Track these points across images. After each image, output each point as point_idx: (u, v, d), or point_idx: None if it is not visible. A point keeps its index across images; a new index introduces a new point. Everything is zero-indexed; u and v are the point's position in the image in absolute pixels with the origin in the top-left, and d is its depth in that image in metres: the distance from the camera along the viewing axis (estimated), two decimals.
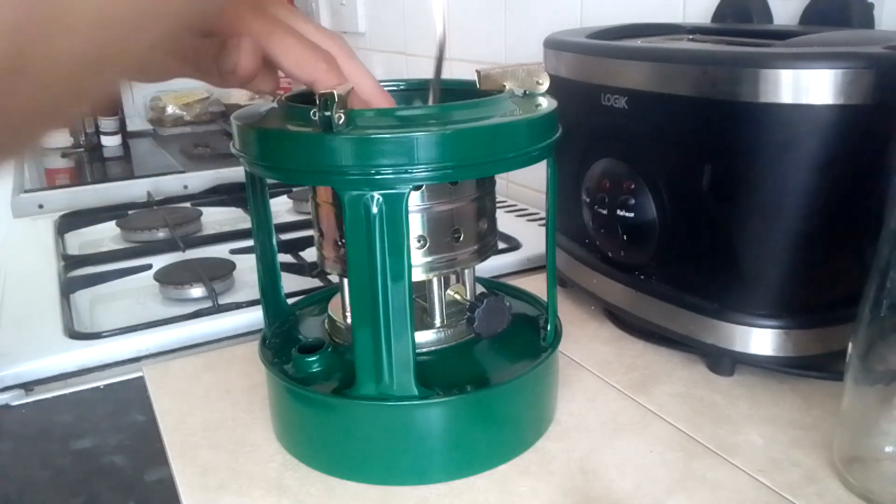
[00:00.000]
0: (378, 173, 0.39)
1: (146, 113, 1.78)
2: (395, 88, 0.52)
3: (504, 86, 0.47)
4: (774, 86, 0.46)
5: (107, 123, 1.58)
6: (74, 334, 0.63)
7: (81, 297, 0.74)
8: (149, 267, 0.80)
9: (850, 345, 0.41)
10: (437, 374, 0.45)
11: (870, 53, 0.45)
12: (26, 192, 1.15)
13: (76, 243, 0.93)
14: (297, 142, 0.40)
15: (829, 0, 0.60)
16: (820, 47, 0.49)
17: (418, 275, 0.45)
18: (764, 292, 0.51)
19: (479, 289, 0.53)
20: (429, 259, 0.45)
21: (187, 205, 1.05)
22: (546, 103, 0.45)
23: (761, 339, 0.51)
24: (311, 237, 0.50)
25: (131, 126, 1.71)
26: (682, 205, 0.53)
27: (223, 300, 0.69)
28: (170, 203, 1.07)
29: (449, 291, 0.50)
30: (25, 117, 0.21)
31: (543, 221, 0.80)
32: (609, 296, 0.61)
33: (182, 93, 1.76)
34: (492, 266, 0.75)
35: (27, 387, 0.58)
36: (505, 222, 0.88)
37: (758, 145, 0.48)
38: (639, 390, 0.54)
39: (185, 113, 1.72)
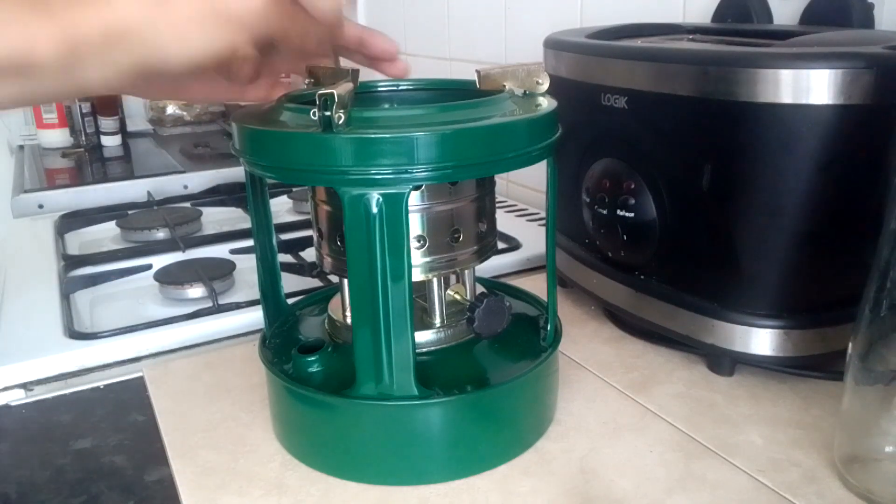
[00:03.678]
0: (378, 173, 0.39)
1: (146, 113, 1.78)
2: (394, 88, 0.52)
3: (504, 86, 0.47)
4: (774, 86, 0.46)
5: (107, 123, 1.58)
6: (74, 334, 0.63)
7: (81, 297, 0.74)
8: (149, 267, 0.80)
9: (850, 345, 0.41)
10: (437, 374, 0.45)
11: (870, 53, 0.45)
12: (26, 192, 1.15)
13: (76, 243, 0.93)
14: (297, 142, 0.40)
15: (829, 0, 0.60)
16: (820, 47, 0.49)
17: (418, 275, 0.45)
18: (764, 292, 0.51)
19: (479, 289, 0.53)
20: (428, 259, 0.45)
21: (187, 205, 1.05)
22: (546, 103, 0.45)
23: (761, 339, 0.51)
24: (311, 237, 0.50)
25: (131, 126, 1.71)
26: (682, 205, 0.53)
27: (223, 300, 0.69)
28: (170, 203, 1.07)
29: (449, 291, 0.50)
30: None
31: (543, 221, 0.80)
32: (609, 296, 0.61)
33: None
34: (492, 266, 0.75)
35: (27, 387, 0.58)
36: (505, 222, 0.88)
37: (758, 145, 0.48)
38: (639, 390, 0.54)
39: (185, 113, 1.73)
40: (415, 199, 0.44)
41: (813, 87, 0.45)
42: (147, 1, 0.33)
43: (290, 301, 0.57)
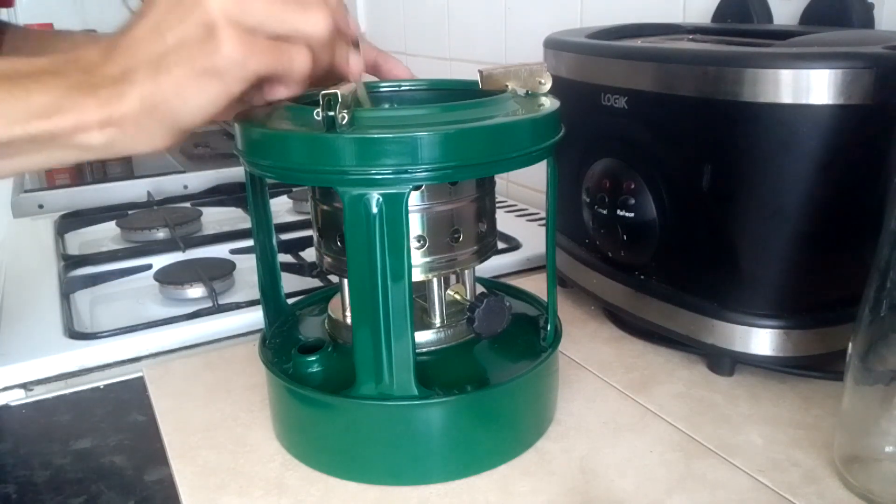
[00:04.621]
0: (378, 173, 0.39)
1: None
2: (395, 88, 0.52)
3: (507, 86, 0.47)
4: (774, 86, 0.46)
5: None
6: (74, 334, 0.63)
7: (81, 297, 0.74)
8: (149, 267, 0.80)
9: (850, 345, 0.41)
10: (437, 374, 0.45)
11: (870, 53, 0.45)
12: (26, 192, 1.15)
13: (76, 243, 0.93)
14: (298, 142, 0.40)
15: (829, 0, 0.60)
16: (820, 47, 0.49)
17: (418, 275, 0.45)
18: (764, 292, 0.51)
19: (479, 289, 0.53)
20: (428, 259, 0.45)
21: (187, 205, 1.05)
22: (549, 103, 0.45)
23: (761, 339, 0.51)
24: (311, 237, 0.50)
25: None
26: (682, 205, 0.53)
27: (223, 300, 0.69)
28: (170, 203, 1.07)
29: (449, 291, 0.50)
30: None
31: (543, 221, 0.80)
32: (609, 296, 0.61)
33: None
34: (492, 266, 0.75)
35: (27, 387, 0.58)
36: (505, 222, 0.88)
37: (758, 145, 0.48)
38: (639, 390, 0.54)
39: None
40: (415, 199, 0.44)
41: (813, 87, 0.45)
42: (152, 73, 0.38)
43: (290, 301, 0.57)
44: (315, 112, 0.39)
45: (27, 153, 0.39)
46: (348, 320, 0.49)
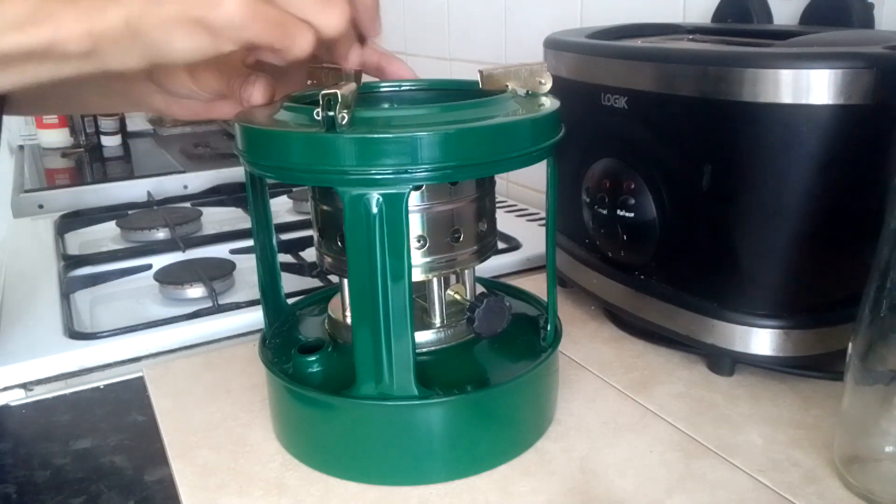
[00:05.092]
0: (378, 173, 0.39)
1: (146, 113, 1.78)
2: (395, 88, 0.52)
3: (507, 86, 0.47)
4: (774, 86, 0.46)
5: (107, 123, 1.58)
6: (74, 334, 0.63)
7: (81, 297, 0.74)
8: (149, 267, 0.80)
9: (850, 345, 0.41)
10: (437, 374, 0.45)
11: (870, 53, 0.45)
12: (26, 192, 1.15)
13: (76, 243, 0.93)
14: (298, 142, 0.40)
15: (829, 0, 0.60)
16: (820, 47, 0.49)
17: (418, 275, 0.45)
18: (764, 292, 0.51)
19: (479, 289, 0.53)
20: (428, 259, 0.45)
21: (187, 205, 1.05)
22: (549, 103, 0.45)
23: (761, 339, 0.51)
24: (311, 237, 0.50)
25: (131, 126, 1.71)
26: (682, 205, 0.53)
27: (223, 300, 0.69)
28: (170, 203, 1.07)
29: (449, 291, 0.50)
30: None
31: (543, 221, 0.80)
32: (609, 296, 0.61)
33: None
34: (492, 266, 0.75)
35: (27, 387, 0.58)
36: (505, 222, 0.88)
37: (758, 145, 0.48)
38: (639, 390, 0.54)
39: None
40: (415, 199, 0.44)
41: (813, 87, 0.45)
42: (146, 1, 0.36)
43: (290, 301, 0.57)
44: (315, 112, 0.39)
45: (2, 71, 0.37)
46: (348, 320, 0.49)
